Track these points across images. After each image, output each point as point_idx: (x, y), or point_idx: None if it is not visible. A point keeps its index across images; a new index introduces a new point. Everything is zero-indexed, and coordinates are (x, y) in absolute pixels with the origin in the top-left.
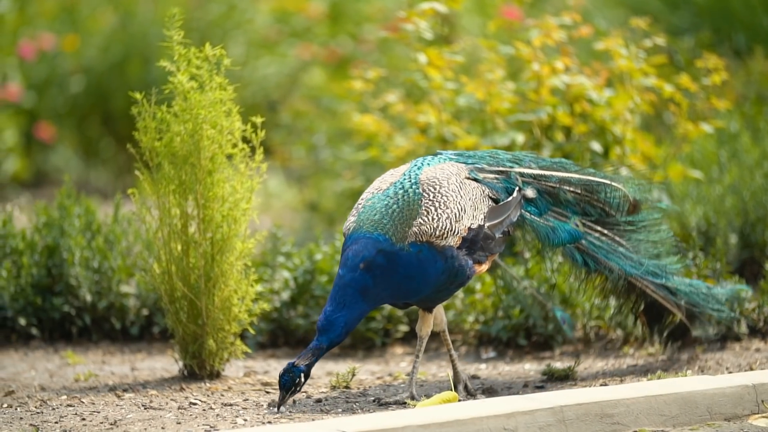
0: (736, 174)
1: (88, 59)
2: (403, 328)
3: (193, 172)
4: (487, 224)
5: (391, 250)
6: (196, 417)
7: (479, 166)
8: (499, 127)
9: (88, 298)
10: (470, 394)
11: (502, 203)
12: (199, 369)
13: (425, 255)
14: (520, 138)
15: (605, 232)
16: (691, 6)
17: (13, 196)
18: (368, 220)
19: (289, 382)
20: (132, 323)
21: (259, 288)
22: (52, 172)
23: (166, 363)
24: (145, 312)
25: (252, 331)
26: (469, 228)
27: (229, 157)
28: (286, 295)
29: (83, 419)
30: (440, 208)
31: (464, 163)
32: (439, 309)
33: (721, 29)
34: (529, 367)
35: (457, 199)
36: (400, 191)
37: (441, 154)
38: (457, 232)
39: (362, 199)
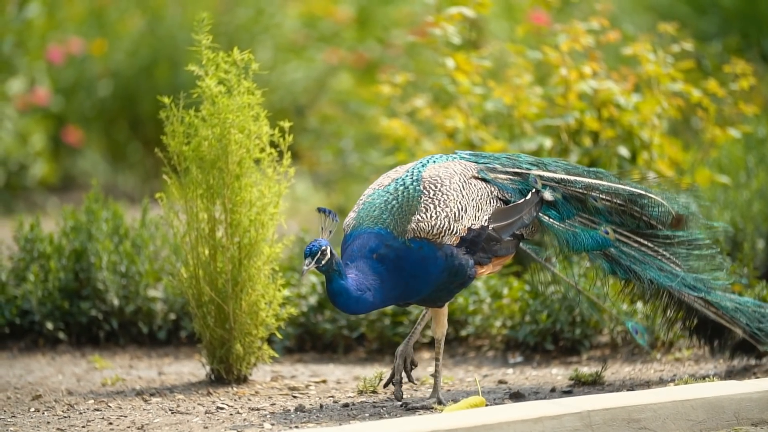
0: (763, 179)
1: (116, 63)
2: (430, 333)
3: (220, 176)
4: (492, 225)
5: (396, 245)
6: (223, 421)
7: (491, 166)
8: (526, 131)
9: (116, 302)
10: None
11: (512, 205)
12: (227, 373)
13: (426, 252)
14: (547, 143)
15: (643, 242)
16: (719, 11)
17: (41, 200)
18: (368, 217)
19: (316, 248)
20: (159, 327)
21: (286, 292)
22: (80, 176)
23: (193, 367)
24: (172, 316)
25: (279, 336)
26: (469, 228)
27: (257, 161)
28: (313, 300)
29: (110, 423)
30: (439, 207)
31: (475, 162)
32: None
33: (749, 34)
34: (557, 372)
35: (458, 198)
36: (401, 187)
37: (456, 153)
38: (456, 232)
39: (364, 195)
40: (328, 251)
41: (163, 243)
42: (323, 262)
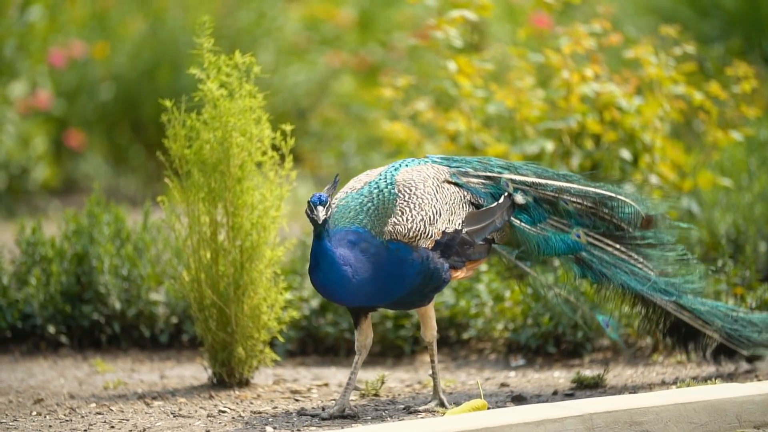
0: (765, 182)
1: (117, 66)
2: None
3: (222, 179)
4: (465, 229)
5: (375, 243)
6: (225, 425)
7: (463, 170)
8: (528, 134)
9: (118, 305)
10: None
11: (484, 209)
12: (228, 377)
13: (403, 254)
14: (549, 146)
15: (615, 245)
16: (721, 14)
17: (43, 203)
18: (343, 218)
19: (325, 198)
20: (161, 331)
21: (288, 296)
22: (82, 179)
23: (195, 371)
24: (174, 320)
25: (281, 339)
26: (444, 232)
27: (259, 164)
28: (315, 303)
29: (112, 427)
30: (414, 210)
31: (447, 166)
32: (370, 326)
33: (752, 37)
34: (558, 375)
35: (432, 201)
36: (375, 190)
37: (428, 157)
38: (431, 235)
39: (336, 199)
40: (330, 204)
41: (165, 246)
42: (328, 214)
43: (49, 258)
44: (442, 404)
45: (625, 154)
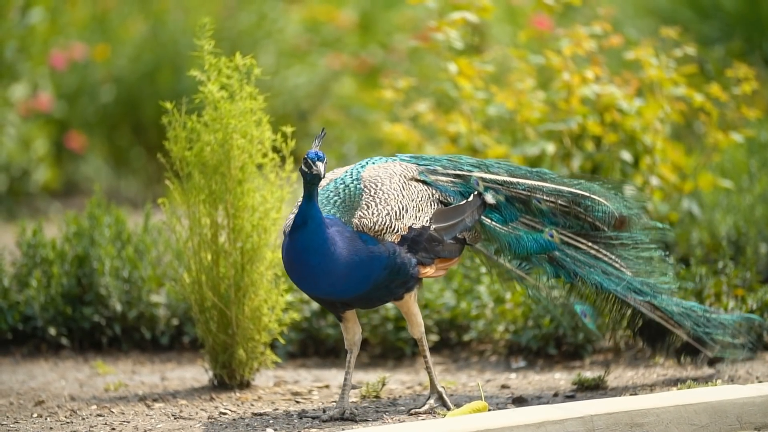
0: (766, 183)
1: (118, 68)
2: (433, 337)
3: (223, 181)
4: (433, 226)
5: (348, 229)
6: (226, 427)
7: (432, 168)
8: (529, 136)
9: (118, 307)
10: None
11: (452, 206)
12: (229, 379)
13: (371, 245)
14: (550, 147)
15: (590, 244)
16: (722, 15)
17: (44, 205)
18: None
19: (322, 154)
20: (162, 333)
21: (289, 297)
22: (83, 181)
23: (196, 373)
24: (175, 322)
25: (282, 341)
26: (410, 227)
27: (260, 166)
28: (316, 305)
29: (113, 429)
30: (380, 204)
31: (416, 164)
32: (356, 321)
33: (752, 38)
34: (559, 377)
35: (398, 197)
36: (341, 185)
37: (396, 156)
38: (397, 230)
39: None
40: (326, 162)
41: (166, 248)
42: (324, 171)
43: (49, 260)
44: (441, 397)
45: (626, 155)
